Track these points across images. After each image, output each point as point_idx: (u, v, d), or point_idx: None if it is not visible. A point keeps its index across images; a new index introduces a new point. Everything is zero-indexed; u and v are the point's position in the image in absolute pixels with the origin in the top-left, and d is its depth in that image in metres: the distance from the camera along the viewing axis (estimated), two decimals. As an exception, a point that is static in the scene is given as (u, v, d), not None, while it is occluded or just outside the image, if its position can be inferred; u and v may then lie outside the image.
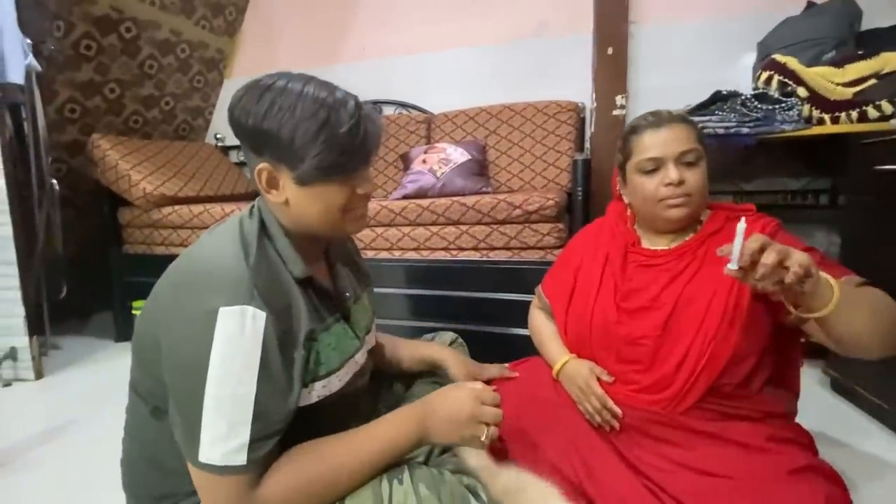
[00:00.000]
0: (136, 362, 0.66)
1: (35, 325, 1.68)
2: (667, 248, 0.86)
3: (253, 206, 0.68)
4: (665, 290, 0.82)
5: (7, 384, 1.63)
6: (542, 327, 1.02)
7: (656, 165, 0.81)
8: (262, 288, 0.57)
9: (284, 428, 0.58)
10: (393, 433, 0.63)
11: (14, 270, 1.61)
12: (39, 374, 1.67)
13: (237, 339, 0.54)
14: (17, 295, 1.62)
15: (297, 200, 0.63)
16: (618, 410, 0.81)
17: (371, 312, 0.84)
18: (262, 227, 0.65)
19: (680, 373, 0.77)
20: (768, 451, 0.72)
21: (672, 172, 0.79)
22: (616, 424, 0.81)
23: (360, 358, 0.75)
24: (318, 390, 0.65)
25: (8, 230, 1.60)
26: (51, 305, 1.85)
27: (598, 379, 0.85)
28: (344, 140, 0.59)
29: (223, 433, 0.53)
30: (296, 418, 0.61)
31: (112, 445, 0.75)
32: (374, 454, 0.61)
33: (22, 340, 1.64)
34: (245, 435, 0.54)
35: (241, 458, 0.54)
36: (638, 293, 0.85)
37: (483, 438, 0.64)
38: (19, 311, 1.63)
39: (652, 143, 0.81)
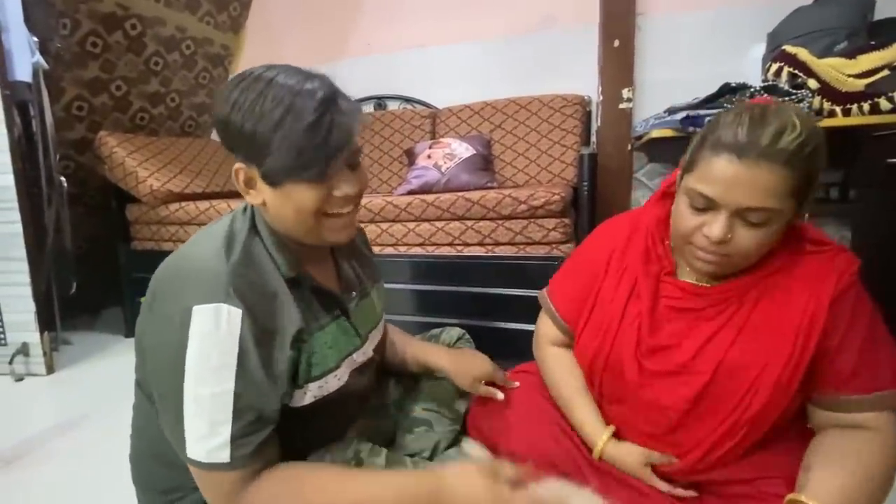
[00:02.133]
0: (138, 359, 0.66)
1: (46, 321, 1.70)
2: (709, 284, 0.69)
3: (242, 207, 0.67)
4: (702, 351, 0.66)
5: (19, 379, 1.65)
6: (561, 380, 0.82)
7: (707, 206, 0.61)
8: (239, 286, 0.56)
9: (271, 424, 0.58)
10: (393, 500, 0.57)
11: (24, 267, 1.63)
12: (51, 369, 1.70)
13: (212, 336, 0.53)
14: (28, 291, 1.64)
15: (271, 202, 0.60)
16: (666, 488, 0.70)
17: (379, 308, 0.83)
18: (253, 224, 0.64)
19: (701, 444, 0.67)
20: None
21: (717, 228, 0.59)
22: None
23: (360, 357, 0.74)
24: (314, 391, 0.64)
25: (17, 227, 1.61)
26: (61, 301, 1.87)
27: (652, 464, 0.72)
28: (305, 136, 0.54)
29: (205, 432, 0.54)
30: (296, 414, 0.61)
31: (123, 439, 0.76)
32: (363, 498, 0.57)
33: (33, 336, 1.66)
34: (226, 433, 0.54)
35: (224, 456, 0.54)
36: (667, 353, 0.69)
37: None
38: (30, 306, 1.65)
39: (717, 176, 0.58)
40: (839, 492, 0.58)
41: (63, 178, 1.85)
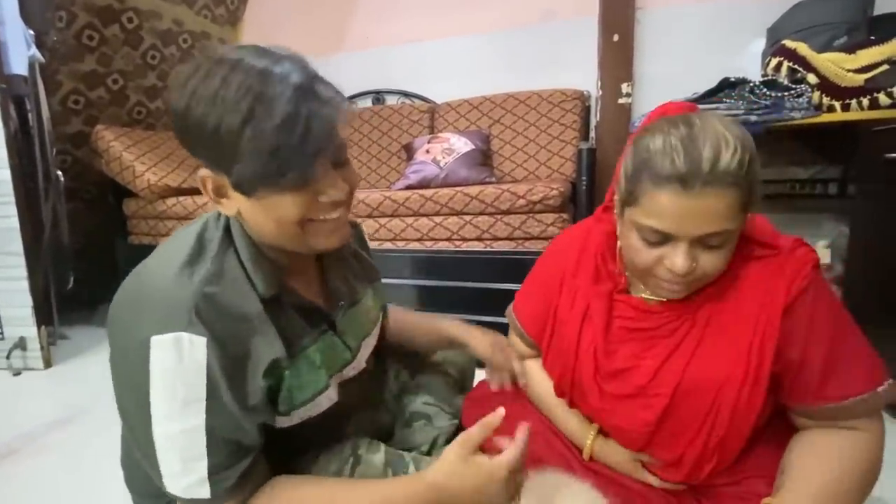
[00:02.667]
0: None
1: (43, 316, 1.70)
2: (659, 301, 0.66)
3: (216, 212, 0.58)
4: (659, 372, 0.64)
5: (17, 373, 1.65)
6: (542, 393, 0.81)
7: (662, 239, 0.58)
8: (204, 310, 0.49)
9: (252, 452, 0.54)
10: (387, 489, 0.55)
11: (21, 261, 1.62)
12: (48, 364, 1.70)
13: (175, 370, 0.48)
14: (25, 286, 1.63)
15: (247, 213, 0.52)
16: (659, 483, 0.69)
17: (375, 311, 0.78)
18: (227, 234, 0.55)
19: (680, 468, 0.65)
20: None
21: (680, 261, 0.56)
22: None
23: (352, 371, 0.70)
24: (302, 413, 0.60)
25: (14, 222, 1.61)
26: (58, 296, 1.86)
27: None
28: (279, 134, 0.45)
29: (179, 469, 0.50)
30: (285, 430, 0.59)
31: (119, 434, 0.76)
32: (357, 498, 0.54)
33: (30, 330, 1.66)
34: (202, 470, 0.50)
35: (203, 492, 0.51)
36: (624, 376, 0.67)
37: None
38: (27, 301, 1.64)
39: (666, 211, 0.55)
40: (815, 492, 0.57)
41: (60, 173, 1.84)
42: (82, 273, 1.97)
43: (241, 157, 0.46)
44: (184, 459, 0.50)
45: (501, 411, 0.56)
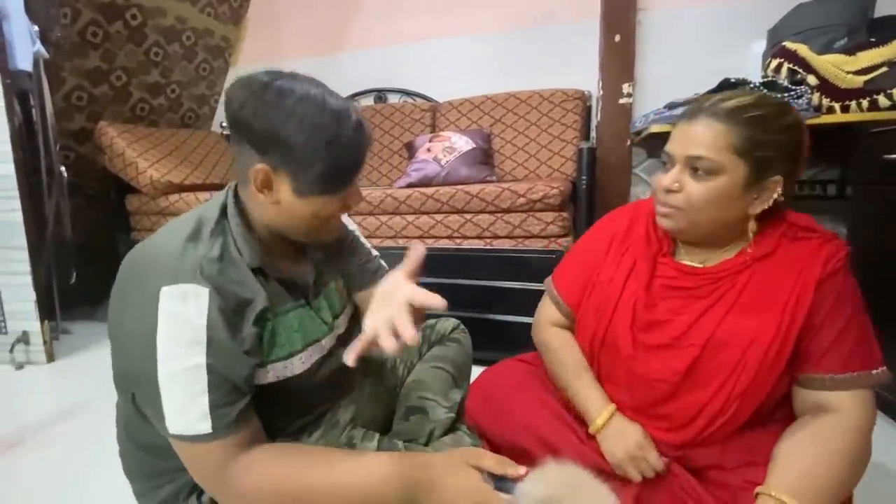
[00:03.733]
0: (113, 352, 0.67)
1: (46, 311, 1.71)
2: (702, 265, 0.73)
3: (219, 197, 0.67)
4: (694, 326, 0.69)
5: (19, 367, 1.66)
6: (565, 354, 0.84)
7: (669, 163, 0.70)
8: (207, 266, 0.57)
9: (247, 394, 0.59)
10: (378, 485, 0.57)
11: (25, 256, 1.64)
12: (51, 358, 1.71)
13: (180, 315, 0.55)
14: (29, 280, 1.65)
15: (288, 207, 0.62)
16: (661, 467, 0.71)
17: (345, 300, 0.82)
18: (223, 215, 0.65)
19: (694, 423, 0.69)
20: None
21: (666, 176, 0.69)
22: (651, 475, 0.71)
23: (328, 342, 0.74)
24: (279, 371, 0.65)
25: (18, 216, 1.62)
26: (61, 291, 1.88)
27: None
28: (347, 154, 0.60)
29: (182, 405, 0.55)
30: (261, 400, 0.62)
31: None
32: (352, 493, 0.57)
33: (33, 325, 1.67)
34: (203, 403, 0.55)
35: (205, 427, 0.55)
36: (661, 327, 0.72)
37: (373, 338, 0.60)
38: (30, 296, 1.66)
39: (674, 136, 0.69)
40: (802, 477, 0.60)
41: (63, 168, 1.85)
42: (84, 269, 1.98)
43: (313, 167, 0.59)
44: (186, 396, 0.55)
45: (522, 469, 0.58)
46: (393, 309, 0.62)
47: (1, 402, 1.20)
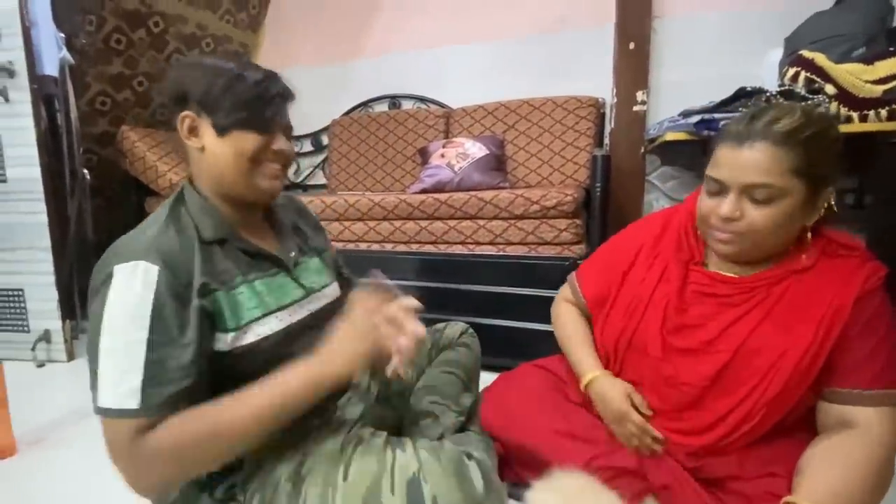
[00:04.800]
0: None
1: (67, 310, 1.76)
2: (736, 275, 0.72)
3: (179, 186, 0.74)
4: (725, 332, 0.70)
5: (41, 365, 1.70)
6: (570, 326, 0.90)
7: (719, 189, 0.68)
8: (159, 246, 0.60)
9: (184, 381, 0.58)
10: (282, 378, 0.61)
11: (48, 257, 1.68)
12: (71, 356, 1.75)
13: (128, 290, 0.57)
14: (51, 280, 1.69)
15: (212, 148, 0.68)
16: (660, 436, 0.73)
17: (329, 280, 0.86)
18: (179, 198, 0.70)
19: (718, 427, 0.69)
20: None
21: (726, 206, 0.66)
22: (659, 449, 0.73)
23: (307, 306, 0.76)
24: (258, 330, 0.67)
25: (43, 218, 1.66)
26: (81, 291, 1.92)
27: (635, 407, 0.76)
28: (253, 92, 0.66)
29: (116, 378, 0.55)
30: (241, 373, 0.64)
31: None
32: (264, 399, 0.59)
33: (55, 324, 1.71)
34: (136, 380, 0.55)
35: (132, 402, 0.55)
36: (691, 331, 0.72)
37: (395, 351, 0.62)
38: (53, 295, 1.70)
39: (723, 161, 0.66)
40: (830, 492, 0.60)
41: (86, 171, 1.90)
42: (104, 269, 2.02)
43: (223, 102, 0.66)
44: (121, 370, 0.56)
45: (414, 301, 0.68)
46: (391, 317, 0.65)
47: (24, 399, 1.23)
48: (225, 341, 0.64)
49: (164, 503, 0.70)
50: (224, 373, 0.63)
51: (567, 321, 0.91)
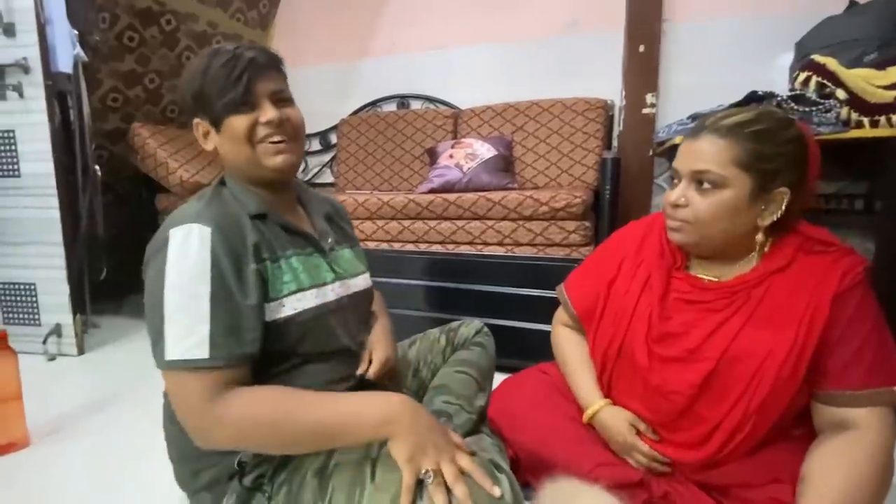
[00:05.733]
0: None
1: (78, 304, 1.77)
2: (717, 279, 0.73)
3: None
4: (708, 340, 0.70)
5: (52, 358, 1.72)
6: (568, 353, 0.90)
7: (676, 178, 0.72)
8: (209, 214, 0.64)
9: (252, 342, 0.62)
10: (358, 406, 0.62)
11: (60, 251, 1.70)
12: (81, 350, 1.76)
13: (186, 249, 0.60)
14: (63, 274, 1.71)
15: (220, 145, 0.71)
16: (667, 460, 0.74)
17: (363, 268, 0.88)
18: (221, 182, 0.75)
19: (713, 439, 0.70)
20: None
21: (672, 191, 0.71)
22: (667, 470, 0.74)
23: (337, 290, 0.78)
24: (294, 303, 0.69)
25: (56, 213, 1.68)
26: (91, 286, 1.94)
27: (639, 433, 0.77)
28: (222, 74, 0.67)
29: (183, 331, 0.58)
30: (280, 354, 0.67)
31: (151, 417, 0.80)
32: (329, 414, 0.61)
33: (66, 318, 1.73)
34: (204, 330, 0.58)
35: (202, 352, 0.57)
36: (676, 339, 0.73)
37: (429, 471, 0.58)
38: (64, 289, 1.72)
39: (680, 151, 0.72)
40: (834, 498, 0.60)
41: (97, 167, 1.91)
42: (113, 265, 2.04)
43: (204, 96, 0.68)
44: (190, 321, 0.59)
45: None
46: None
47: (36, 393, 1.24)
48: (266, 311, 0.66)
49: (195, 485, 0.71)
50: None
51: (567, 350, 0.91)
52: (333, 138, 2.66)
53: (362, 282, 0.87)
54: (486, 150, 2.00)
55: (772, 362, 0.65)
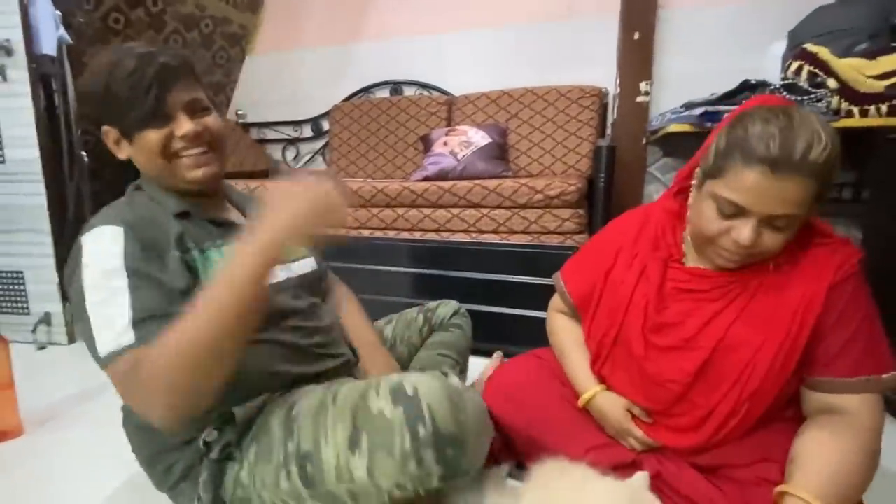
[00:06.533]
0: None
1: (67, 292, 1.75)
2: (713, 268, 0.72)
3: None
4: (704, 329, 0.70)
5: (42, 347, 1.70)
6: (564, 340, 0.91)
7: (736, 212, 0.63)
8: (121, 215, 0.64)
9: (173, 309, 0.57)
10: (228, 264, 0.56)
11: (48, 239, 1.67)
12: (72, 339, 1.75)
13: (99, 250, 0.61)
14: (51, 262, 1.68)
15: (133, 155, 0.69)
16: (660, 444, 0.76)
17: (305, 252, 0.87)
18: (137, 187, 0.73)
19: (706, 425, 0.71)
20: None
21: (745, 233, 0.62)
22: (660, 445, 0.76)
23: (279, 274, 0.77)
24: None
25: (43, 200, 1.65)
26: (80, 274, 1.91)
27: (634, 417, 0.78)
28: (128, 85, 0.63)
29: (107, 324, 0.57)
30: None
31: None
32: (216, 288, 0.55)
33: (56, 306, 1.71)
34: (126, 316, 0.57)
35: (129, 337, 0.56)
36: (672, 329, 0.73)
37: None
38: (53, 277, 1.69)
39: (750, 188, 0.60)
40: (823, 479, 0.61)
41: (84, 153, 1.87)
42: (103, 252, 2.01)
43: (115, 110, 0.65)
44: (110, 316, 0.58)
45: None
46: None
47: (26, 381, 1.23)
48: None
49: (171, 480, 0.71)
50: None
51: (562, 337, 0.91)
52: (325, 125, 2.63)
53: (307, 264, 0.86)
54: (480, 138, 1.99)
55: (765, 353, 0.66)
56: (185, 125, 0.67)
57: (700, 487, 0.71)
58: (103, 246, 0.61)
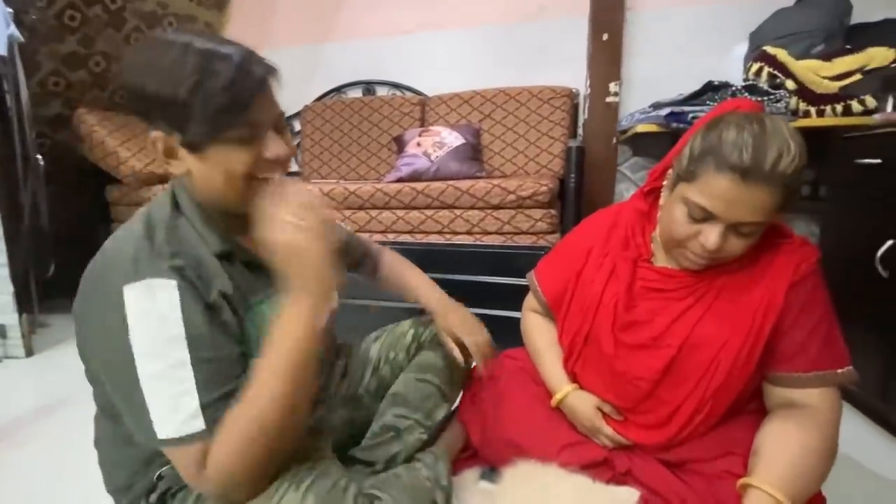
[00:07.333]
0: (85, 365, 0.64)
1: (24, 303, 1.67)
2: (680, 267, 0.74)
3: (164, 194, 0.64)
4: (671, 327, 0.72)
5: (-4, 361, 1.62)
6: (537, 339, 0.92)
7: (705, 217, 0.65)
8: (168, 261, 0.54)
9: (238, 381, 0.55)
10: (276, 331, 0.55)
11: (1, 247, 1.59)
12: (30, 352, 1.67)
13: (150, 312, 0.52)
14: (5, 272, 1.60)
15: (197, 171, 0.58)
16: (629, 442, 0.77)
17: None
18: (175, 206, 0.61)
19: (673, 421, 0.73)
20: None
21: (712, 238, 0.64)
22: (630, 443, 0.78)
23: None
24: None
25: (-6, 206, 1.57)
26: (38, 283, 1.82)
27: (605, 416, 0.79)
28: (227, 97, 0.53)
29: (171, 405, 0.52)
30: None
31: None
32: (272, 358, 0.54)
33: (11, 318, 1.63)
34: (194, 402, 0.52)
35: (198, 424, 0.52)
36: (640, 327, 0.75)
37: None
38: (8, 288, 1.61)
39: (721, 194, 0.62)
40: (783, 471, 0.64)
41: (39, 157, 1.79)
42: (63, 260, 1.92)
43: (190, 115, 0.53)
44: (175, 394, 0.52)
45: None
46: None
47: (-19, 398, 1.17)
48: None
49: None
50: None
51: (536, 337, 0.92)
52: (297, 125, 2.58)
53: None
54: (454, 139, 1.99)
55: (728, 350, 0.68)
56: (276, 146, 0.59)
57: (668, 482, 0.73)
58: (158, 307, 0.52)
